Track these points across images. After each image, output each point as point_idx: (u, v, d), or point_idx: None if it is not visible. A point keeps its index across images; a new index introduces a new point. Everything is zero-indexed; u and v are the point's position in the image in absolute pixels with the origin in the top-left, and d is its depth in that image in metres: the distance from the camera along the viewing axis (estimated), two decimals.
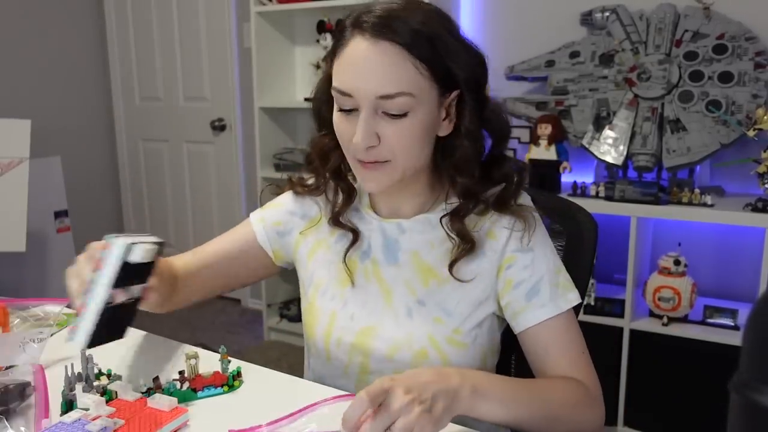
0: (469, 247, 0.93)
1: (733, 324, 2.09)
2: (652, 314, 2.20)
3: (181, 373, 0.94)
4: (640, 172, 2.20)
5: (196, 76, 3.58)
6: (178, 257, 1.10)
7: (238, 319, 3.54)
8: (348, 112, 0.89)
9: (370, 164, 0.89)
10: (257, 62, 3.02)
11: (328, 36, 2.94)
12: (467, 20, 2.71)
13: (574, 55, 2.38)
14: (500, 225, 0.95)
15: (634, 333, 2.17)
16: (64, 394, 0.88)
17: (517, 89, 2.56)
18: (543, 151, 2.30)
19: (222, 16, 3.40)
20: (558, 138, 2.31)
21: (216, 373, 0.95)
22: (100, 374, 0.93)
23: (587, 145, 2.29)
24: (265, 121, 3.10)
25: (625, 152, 2.21)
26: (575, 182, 2.28)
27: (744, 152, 2.15)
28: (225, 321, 3.51)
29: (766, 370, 0.38)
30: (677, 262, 2.13)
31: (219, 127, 3.54)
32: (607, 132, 2.25)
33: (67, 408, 0.87)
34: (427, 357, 0.94)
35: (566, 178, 2.37)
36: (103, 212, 3.90)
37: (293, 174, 1.10)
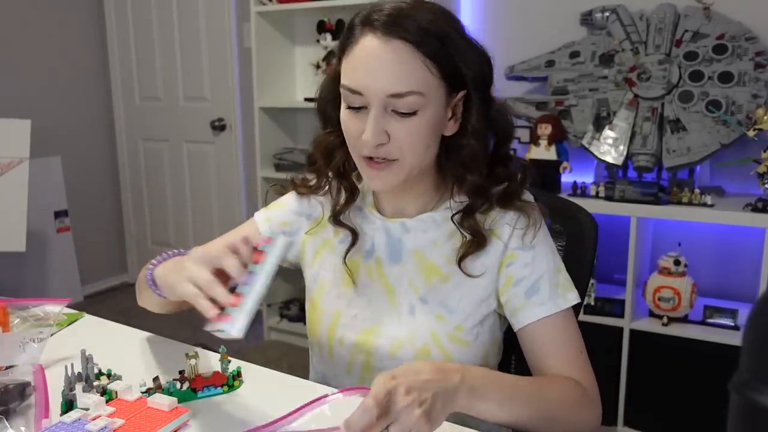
0: (479, 243, 0.94)
1: (733, 324, 2.09)
2: (652, 314, 2.20)
3: (181, 373, 0.94)
4: (640, 172, 2.20)
5: (196, 76, 3.58)
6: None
7: None
8: (356, 109, 0.89)
9: (378, 163, 0.89)
10: (257, 62, 3.01)
11: (328, 36, 2.94)
12: (467, 20, 2.71)
13: (574, 55, 2.38)
14: (503, 222, 0.96)
15: (634, 333, 2.17)
16: (64, 394, 0.88)
17: (517, 89, 2.56)
18: (543, 151, 2.30)
19: (222, 16, 3.40)
20: (558, 138, 2.31)
21: (216, 373, 0.95)
22: (100, 374, 0.93)
23: (587, 145, 2.29)
24: (265, 121, 3.10)
25: (625, 152, 2.21)
26: (575, 182, 2.28)
27: (744, 152, 2.15)
28: None
29: (766, 370, 0.38)
30: (677, 262, 2.13)
31: (219, 127, 3.54)
32: (607, 132, 2.25)
33: (67, 408, 0.87)
34: (430, 354, 0.94)
35: (566, 178, 2.37)
36: (103, 212, 3.90)
37: (296, 175, 1.10)
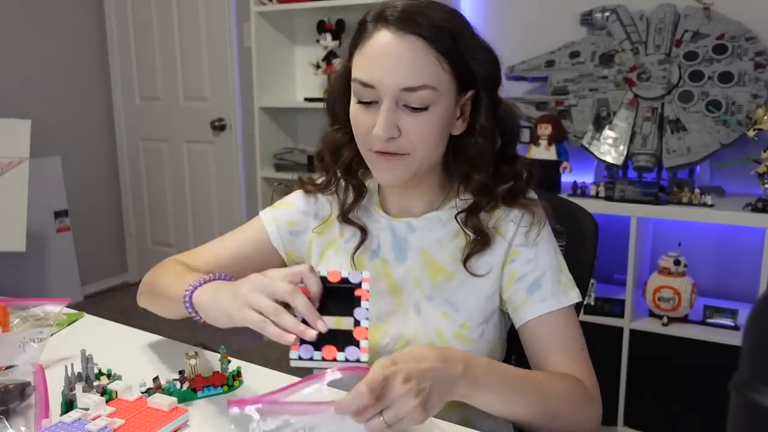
0: (483, 242, 0.94)
1: (733, 324, 2.09)
2: (652, 314, 2.20)
3: (181, 373, 0.94)
4: (640, 172, 2.20)
5: (196, 76, 3.58)
6: (190, 258, 1.09)
7: None
8: (367, 104, 0.89)
9: (388, 157, 0.90)
10: (257, 62, 3.01)
11: (328, 36, 2.94)
12: None
13: (574, 55, 2.38)
14: (507, 220, 0.96)
15: (634, 333, 2.17)
16: (64, 394, 0.88)
17: (517, 89, 2.56)
18: (543, 151, 2.30)
19: (222, 16, 3.40)
20: (558, 138, 2.31)
21: (216, 373, 0.95)
22: (100, 374, 0.94)
23: (587, 145, 2.28)
24: (265, 121, 3.10)
25: (625, 152, 2.21)
26: (575, 182, 2.28)
27: (744, 152, 2.14)
28: None
29: (766, 370, 0.38)
30: (677, 262, 2.13)
31: (219, 127, 3.54)
32: (607, 132, 2.25)
33: (67, 408, 0.87)
34: None
35: (566, 178, 2.37)
36: (103, 212, 3.90)
37: (303, 174, 1.10)
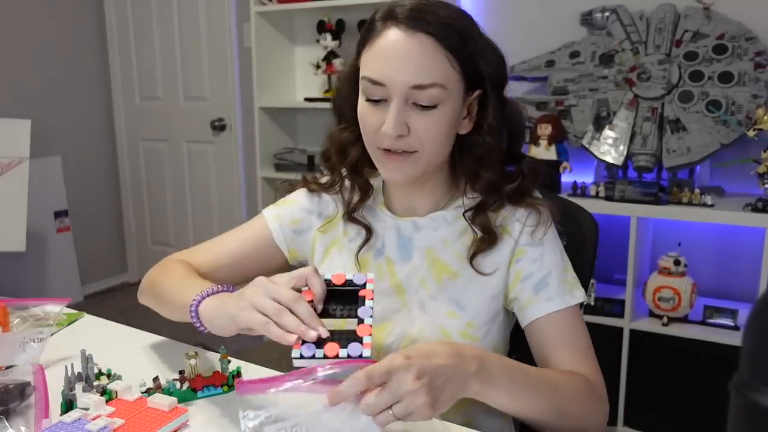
0: (491, 240, 0.94)
1: (733, 324, 2.09)
2: (652, 314, 2.20)
3: (181, 373, 0.94)
4: (640, 172, 2.20)
5: (196, 76, 3.58)
6: (191, 256, 1.09)
7: None
8: (376, 102, 0.89)
9: (396, 154, 0.90)
10: (257, 62, 3.01)
11: (328, 36, 2.94)
12: None
13: (574, 55, 2.38)
14: (513, 219, 0.97)
15: (634, 333, 2.17)
16: (64, 394, 0.88)
17: (517, 89, 2.56)
18: (543, 151, 2.30)
19: (222, 16, 3.40)
20: (558, 138, 2.31)
21: (216, 373, 0.95)
22: (100, 374, 0.93)
23: (587, 145, 2.29)
24: (265, 121, 3.10)
25: (625, 152, 2.21)
26: (575, 182, 2.28)
27: (744, 152, 2.14)
28: None
29: (766, 370, 0.38)
30: (677, 262, 2.13)
31: (219, 127, 3.54)
32: (607, 132, 2.25)
33: (67, 408, 0.87)
34: None
35: (566, 178, 2.37)
36: (103, 212, 3.90)
37: (307, 173, 1.10)
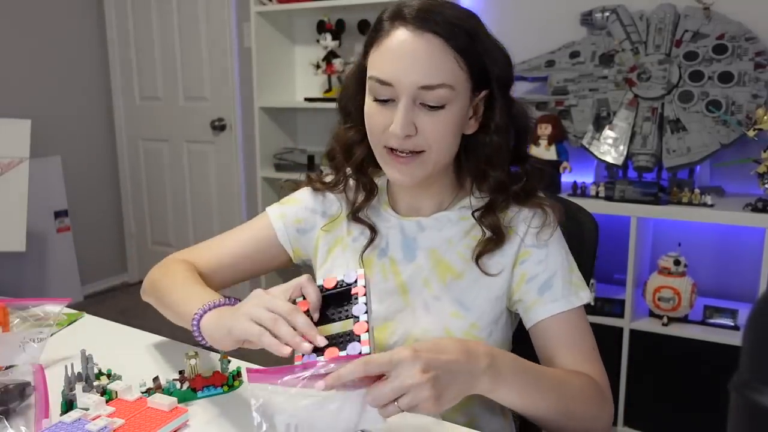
0: (498, 240, 0.94)
1: (733, 324, 2.09)
2: (652, 314, 2.20)
3: (181, 373, 0.94)
4: (640, 172, 2.20)
5: (196, 76, 3.58)
6: (194, 255, 1.09)
7: None
8: (383, 102, 0.89)
9: (403, 157, 0.90)
10: (257, 62, 3.02)
11: (328, 36, 2.94)
12: None
13: (574, 55, 2.38)
14: (518, 219, 0.96)
15: (634, 333, 2.17)
16: (64, 394, 0.88)
17: (517, 89, 2.55)
18: (543, 151, 2.30)
19: (222, 16, 3.40)
20: (558, 138, 2.31)
21: (216, 373, 0.95)
22: (100, 374, 0.93)
23: (587, 145, 2.29)
24: (265, 121, 3.10)
25: (625, 152, 2.21)
26: (575, 182, 2.28)
27: (744, 152, 2.14)
28: None
29: (766, 370, 0.38)
30: (677, 262, 2.13)
31: (219, 127, 3.54)
32: (607, 132, 2.25)
33: (67, 408, 0.87)
34: None
35: (566, 178, 2.37)
36: (103, 212, 3.90)
37: (312, 173, 1.10)
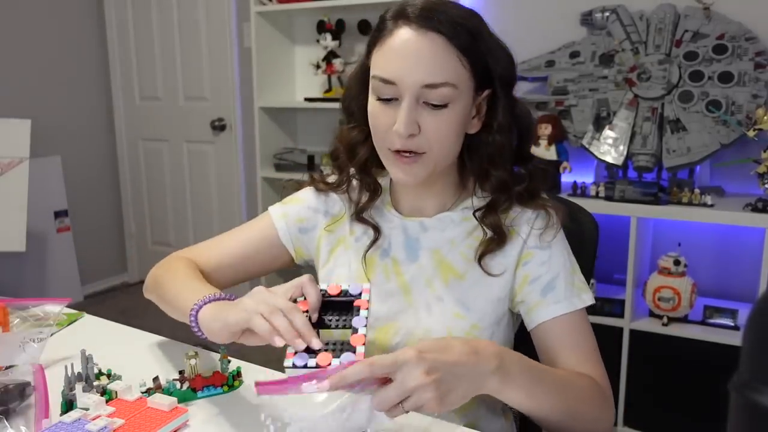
0: (500, 240, 0.94)
1: (733, 324, 2.09)
2: (652, 314, 2.20)
3: (181, 373, 0.94)
4: (640, 172, 2.20)
5: (196, 76, 3.58)
6: (196, 253, 1.09)
7: None
8: (387, 101, 0.89)
9: (406, 157, 0.89)
10: (257, 62, 3.02)
11: (328, 36, 2.94)
12: None
13: (574, 55, 2.38)
14: (521, 221, 0.96)
15: (634, 333, 2.17)
16: (64, 394, 0.88)
17: (517, 89, 2.56)
18: (543, 151, 2.30)
19: (222, 16, 3.40)
20: (558, 138, 2.31)
21: (216, 373, 0.95)
22: (100, 374, 0.93)
23: (587, 145, 2.29)
24: (265, 121, 3.10)
25: (625, 152, 2.21)
26: (575, 182, 2.28)
27: (744, 152, 2.14)
28: None
29: (766, 370, 0.38)
30: (677, 262, 2.13)
31: (219, 127, 3.54)
32: (607, 132, 2.25)
33: (67, 408, 0.87)
34: None
35: (566, 178, 2.37)
36: (103, 212, 3.90)
37: (313, 173, 1.10)
